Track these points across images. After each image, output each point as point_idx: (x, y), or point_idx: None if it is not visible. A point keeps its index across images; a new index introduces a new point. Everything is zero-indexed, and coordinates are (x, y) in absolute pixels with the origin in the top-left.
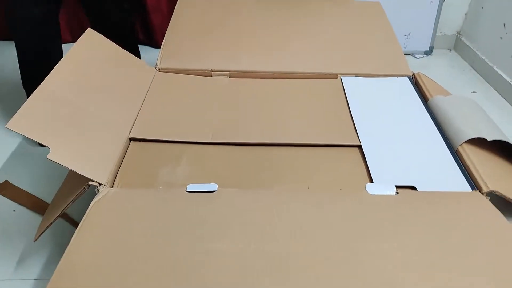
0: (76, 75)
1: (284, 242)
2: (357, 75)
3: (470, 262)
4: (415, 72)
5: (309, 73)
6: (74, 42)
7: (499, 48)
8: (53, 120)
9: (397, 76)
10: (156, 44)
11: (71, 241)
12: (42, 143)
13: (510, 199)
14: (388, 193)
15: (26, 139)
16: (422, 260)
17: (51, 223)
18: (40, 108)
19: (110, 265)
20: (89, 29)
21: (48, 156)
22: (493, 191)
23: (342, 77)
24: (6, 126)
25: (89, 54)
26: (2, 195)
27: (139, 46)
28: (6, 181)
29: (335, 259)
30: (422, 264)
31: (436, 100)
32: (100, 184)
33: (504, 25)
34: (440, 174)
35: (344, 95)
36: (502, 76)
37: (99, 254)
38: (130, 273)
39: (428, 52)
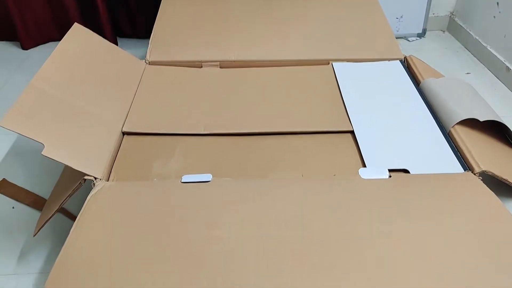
0: (66, 71)
1: (279, 227)
2: (348, 60)
3: (463, 243)
4: (407, 56)
5: (300, 60)
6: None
7: (492, 27)
8: (45, 117)
9: (389, 60)
10: (142, 35)
11: (70, 234)
12: (35, 140)
13: (502, 178)
14: (381, 177)
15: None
16: (416, 242)
17: (50, 218)
18: (32, 105)
19: (109, 255)
20: (76, 24)
21: (43, 153)
22: (485, 171)
23: (333, 63)
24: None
25: (77, 49)
26: (0, 193)
27: (125, 39)
28: (4, 179)
29: (328, 243)
30: (416, 246)
31: (428, 82)
32: (95, 178)
33: (498, 3)
34: (433, 157)
35: (335, 81)
36: (495, 56)
37: (97, 245)
38: (130, 263)
39: (421, 35)
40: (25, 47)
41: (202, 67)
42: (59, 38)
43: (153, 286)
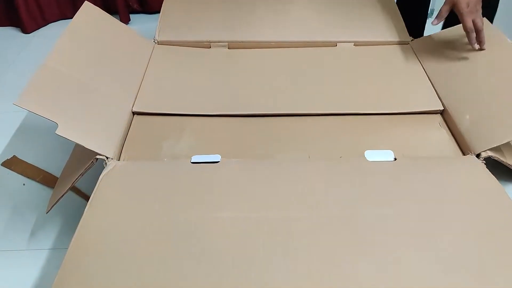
0: (77, 50)
1: (286, 208)
2: (355, 42)
3: (464, 225)
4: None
5: (308, 42)
6: (66, 18)
7: None
8: (58, 96)
9: (398, 43)
10: (151, 10)
11: (85, 212)
12: (50, 119)
13: (506, 163)
14: (386, 160)
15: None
16: (418, 225)
17: (62, 196)
18: (45, 85)
19: (122, 233)
20: (86, 3)
21: (57, 132)
22: (491, 156)
23: (339, 45)
24: (14, 103)
25: (88, 28)
26: (11, 170)
27: (133, 15)
28: (14, 156)
29: (333, 224)
30: (418, 229)
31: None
32: (107, 157)
33: None
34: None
35: (342, 62)
36: None
37: (112, 224)
38: (143, 241)
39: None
40: (27, 30)
41: (210, 47)
42: (60, 18)
43: (166, 267)
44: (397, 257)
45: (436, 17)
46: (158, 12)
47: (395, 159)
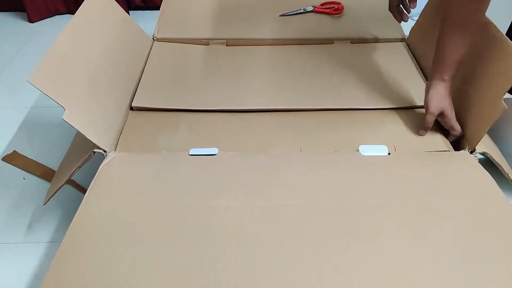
0: (85, 38)
1: (279, 197)
2: (351, 40)
3: (456, 216)
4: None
5: (305, 39)
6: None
7: None
8: (65, 82)
9: (392, 41)
10: (153, 5)
11: (84, 199)
12: (58, 102)
13: (496, 162)
14: (380, 154)
15: (32, 109)
16: (409, 216)
17: (60, 187)
18: (54, 68)
19: (120, 219)
20: None
21: (63, 117)
22: (485, 152)
23: (336, 42)
24: (28, 80)
25: (97, 16)
26: (12, 164)
27: (134, 12)
28: (15, 151)
29: (326, 212)
30: (409, 219)
31: None
32: (105, 151)
33: None
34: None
35: (338, 59)
36: None
37: (110, 210)
38: (140, 226)
39: None
40: (32, 20)
41: (209, 44)
42: (65, 12)
43: (162, 255)
44: (389, 246)
45: (422, 129)
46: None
47: (389, 153)
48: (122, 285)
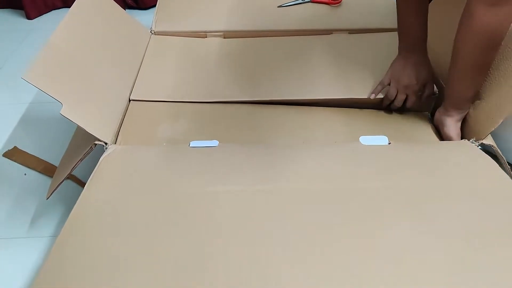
0: (80, 33)
1: (280, 182)
2: (350, 31)
3: (457, 197)
4: None
5: (302, 30)
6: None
7: None
8: (62, 76)
9: (391, 31)
10: (144, 5)
11: (84, 189)
12: (55, 98)
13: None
14: (381, 144)
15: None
16: (411, 197)
17: (62, 181)
18: (51, 63)
19: (120, 206)
20: None
21: (61, 112)
22: (491, 145)
23: (335, 33)
24: (22, 77)
25: (93, 10)
26: (12, 160)
27: (128, 11)
28: (15, 147)
29: (327, 195)
30: (411, 201)
31: None
32: (106, 143)
33: None
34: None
35: (336, 51)
36: None
37: (110, 198)
38: (140, 213)
39: None
40: (30, 16)
41: (206, 37)
42: (62, 6)
43: (162, 243)
44: (390, 226)
45: (372, 92)
46: (153, 7)
47: (389, 143)
48: (121, 273)
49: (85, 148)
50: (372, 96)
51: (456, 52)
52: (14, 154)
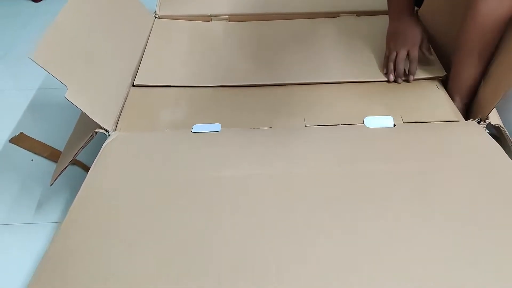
0: (85, 15)
1: (285, 165)
2: (357, 13)
3: (461, 181)
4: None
5: (309, 13)
6: None
7: None
8: (67, 60)
9: None
10: None
11: (85, 180)
12: (61, 80)
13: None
14: (386, 126)
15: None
16: (415, 179)
17: (65, 168)
18: (56, 45)
19: (123, 191)
20: None
21: (66, 96)
22: (499, 125)
23: (342, 15)
24: (31, 57)
25: None
26: (19, 146)
27: None
28: (21, 133)
29: (332, 178)
30: (415, 183)
31: None
32: (107, 131)
33: None
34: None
35: (344, 33)
36: None
37: (114, 183)
38: (144, 197)
39: None
40: None
41: (211, 20)
42: None
43: (166, 226)
44: (395, 209)
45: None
46: None
47: (394, 125)
48: (125, 257)
49: (87, 136)
50: (391, 78)
51: (463, 38)
52: (20, 140)
